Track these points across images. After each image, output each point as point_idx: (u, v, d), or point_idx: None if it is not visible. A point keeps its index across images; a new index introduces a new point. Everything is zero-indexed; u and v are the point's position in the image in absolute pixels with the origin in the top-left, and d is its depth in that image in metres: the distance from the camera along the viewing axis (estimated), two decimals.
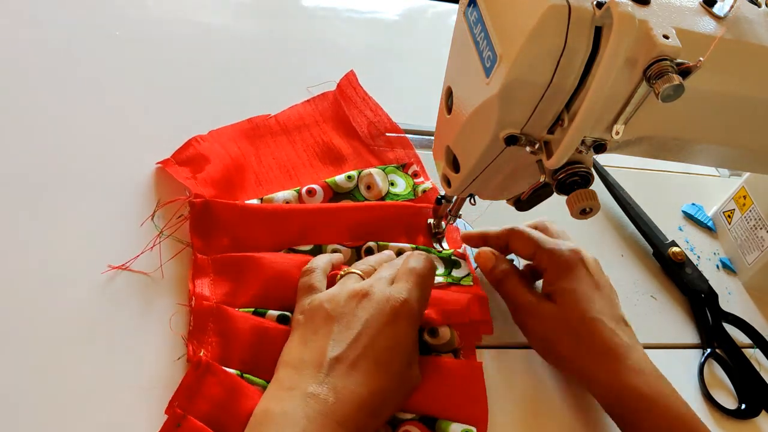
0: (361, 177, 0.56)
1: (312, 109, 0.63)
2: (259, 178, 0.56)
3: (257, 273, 0.48)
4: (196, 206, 0.50)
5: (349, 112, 0.63)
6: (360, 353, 0.40)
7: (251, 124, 0.59)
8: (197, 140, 0.55)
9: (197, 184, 0.52)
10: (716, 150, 0.44)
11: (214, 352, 0.44)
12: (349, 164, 0.59)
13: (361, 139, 0.61)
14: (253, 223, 0.51)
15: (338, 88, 0.64)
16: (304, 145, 0.60)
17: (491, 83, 0.35)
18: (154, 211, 0.50)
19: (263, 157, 0.58)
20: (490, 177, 0.44)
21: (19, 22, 0.61)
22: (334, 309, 0.42)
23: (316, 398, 0.38)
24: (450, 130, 0.44)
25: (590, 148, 0.38)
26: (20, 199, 0.48)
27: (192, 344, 0.44)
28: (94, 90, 0.58)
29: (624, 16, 0.31)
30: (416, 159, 0.61)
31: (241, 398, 0.41)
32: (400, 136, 0.62)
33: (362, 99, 0.64)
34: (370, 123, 0.62)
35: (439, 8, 0.84)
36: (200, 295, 0.46)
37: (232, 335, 0.44)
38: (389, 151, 0.61)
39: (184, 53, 0.64)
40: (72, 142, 0.53)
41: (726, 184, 0.74)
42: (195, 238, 0.49)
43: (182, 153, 0.54)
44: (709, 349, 0.56)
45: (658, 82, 0.32)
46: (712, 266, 0.65)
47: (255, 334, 0.44)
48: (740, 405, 0.53)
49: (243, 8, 0.72)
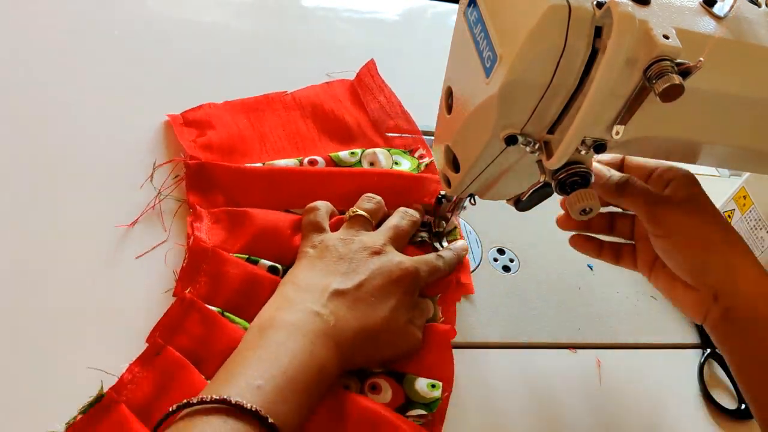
0: (365, 154, 0.58)
1: (329, 89, 0.65)
2: (266, 147, 0.57)
3: (250, 225, 0.49)
4: (191, 167, 0.52)
5: (363, 97, 0.65)
6: (361, 295, 0.44)
7: (266, 98, 0.61)
8: (209, 106, 0.58)
9: (196, 147, 0.54)
10: (716, 150, 0.44)
11: (200, 291, 0.45)
12: (357, 144, 0.61)
13: (372, 123, 0.62)
14: (248, 183, 0.52)
15: (357, 77, 0.66)
16: (315, 121, 0.61)
17: (491, 83, 0.35)
18: (152, 173, 0.52)
19: (273, 127, 0.59)
20: (490, 177, 0.44)
21: (19, 19, 0.61)
22: (346, 253, 0.46)
23: (321, 317, 0.41)
24: (450, 130, 0.44)
25: (590, 148, 0.38)
26: (26, 167, 0.49)
27: (181, 281, 0.46)
28: (94, 89, 0.58)
29: (624, 16, 0.31)
30: (423, 144, 0.62)
31: (219, 335, 0.43)
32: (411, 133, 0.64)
33: (378, 87, 0.66)
34: (382, 108, 0.64)
35: (439, 8, 0.84)
36: (198, 237, 0.48)
37: (222, 277, 0.46)
38: (397, 138, 0.62)
39: (184, 53, 0.64)
40: (71, 139, 0.53)
41: (726, 184, 0.74)
42: (192, 196, 0.51)
43: (191, 113, 0.57)
44: (709, 349, 0.56)
45: (658, 82, 0.32)
46: None
47: (245, 279, 0.46)
48: (740, 405, 0.53)
49: (243, 8, 0.72)
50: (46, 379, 0.40)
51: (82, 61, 0.60)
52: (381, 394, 0.44)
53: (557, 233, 0.56)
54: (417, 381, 0.45)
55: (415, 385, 0.45)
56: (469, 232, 0.59)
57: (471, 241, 0.58)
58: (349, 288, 0.44)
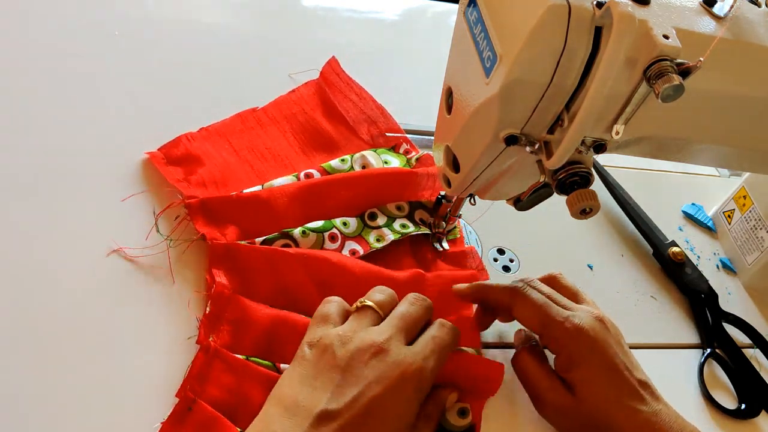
0: (355, 159, 0.58)
1: (297, 97, 0.63)
2: (255, 169, 0.56)
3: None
4: (192, 206, 0.50)
5: (334, 98, 0.63)
6: (355, 414, 0.37)
7: (239, 118, 0.60)
8: (187, 138, 0.55)
9: (190, 186, 0.52)
10: (716, 150, 0.44)
11: (224, 339, 0.44)
12: (342, 150, 0.60)
13: (349, 124, 0.62)
14: (252, 211, 0.51)
15: (321, 75, 0.65)
16: (294, 134, 0.60)
17: (491, 83, 0.35)
18: (155, 222, 0.50)
19: (256, 148, 0.58)
20: (490, 177, 0.44)
21: (18, 18, 0.61)
22: (342, 357, 0.39)
23: None
24: (450, 130, 0.44)
25: (590, 148, 0.38)
26: (21, 197, 0.48)
27: (204, 326, 0.44)
28: (93, 88, 0.58)
29: (624, 16, 0.31)
30: (405, 139, 0.62)
31: (250, 381, 0.42)
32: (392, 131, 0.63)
33: (347, 84, 0.65)
34: (356, 106, 0.63)
35: (439, 8, 0.84)
36: (220, 284, 0.46)
37: (245, 323, 0.45)
38: (379, 137, 0.62)
39: (184, 53, 0.64)
40: (70, 140, 0.53)
41: (726, 184, 0.74)
42: (203, 228, 0.49)
43: (172, 150, 0.54)
44: (709, 349, 0.56)
45: (658, 82, 0.32)
46: (712, 266, 0.65)
47: (272, 321, 0.45)
48: (740, 405, 0.53)
49: (243, 8, 0.72)
50: None
51: (82, 61, 0.60)
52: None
53: (557, 233, 0.56)
54: (446, 412, 0.44)
55: (446, 414, 0.44)
56: (469, 233, 0.59)
57: (471, 241, 0.58)
58: (341, 408, 0.37)
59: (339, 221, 0.53)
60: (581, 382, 0.44)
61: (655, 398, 0.44)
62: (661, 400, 0.44)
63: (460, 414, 0.44)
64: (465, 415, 0.44)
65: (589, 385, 0.43)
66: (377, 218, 0.54)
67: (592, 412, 0.43)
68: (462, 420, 0.44)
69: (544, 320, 0.45)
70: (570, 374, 0.44)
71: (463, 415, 0.44)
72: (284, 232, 0.50)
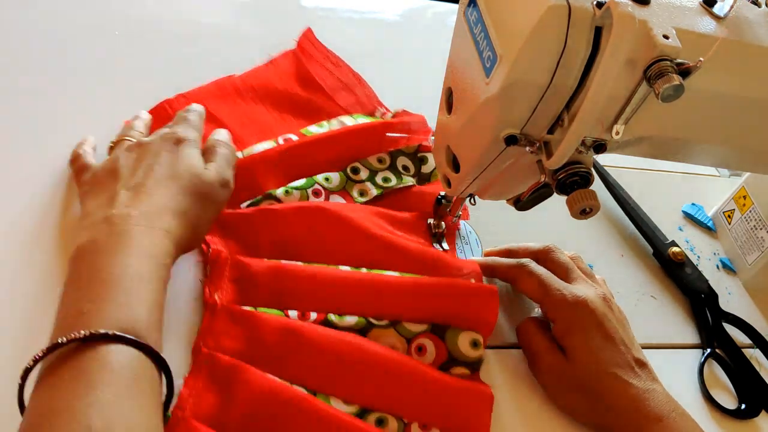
0: (332, 124, 0.59)
1: (275, 67, 0.64)
2: (235, 135, 0.57)
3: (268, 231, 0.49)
4: None
5: (311, 68, 0.65)
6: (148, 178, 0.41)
7: (216, 85, 0.60)
8: (168, 104, 0.56)
9: None
10: (716, 150, 0.44)
11: (229, 297, 0.45)
12: (320, 117, 0.61)
13: (326, 92, 0.63)
14: (235, 178, 0.52)
15: (298, 45, 0.66)
16: (272, 102, 0.61)
17: (491, 83, 0.35)
18: None
19: (236, 115, 0.59)
20: (490, 177, 0.44)
21: (18, 18, 0.61)
22: (113, 162, 0.44)
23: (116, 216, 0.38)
24: (450, 130, 0.44)
25: (590, 148, 0.38)
26: (21, 196, 0.48)
27: (207, 286, 0.45)
28: (93, 88, 0.58)
29: (624, 16, 0.31)
30: (380, 104, 0.64)
31: (262, 329, 0.43)
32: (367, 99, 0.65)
33: (323, 54, 0.66)
34: (331, 75, 0.65)
35: (439, 8, 0.84)
36: (215, 249, 0.47)
37: (246, 280, 0.46)
38: (356, 105, 0.63)
39: (183, 52, 0.64)
40: (70, 140, 0.53)
41: (726, 184, 0.74)
42: None
43: (157, 115, 0.55)
44: (709, 349, 0.56)
45: (658, 82, 0.32)
46: (712, 266, 0.65)
47: (273, 272, 0.46)
48: (740, 405, 0.53)
49: (243, 8, 0.72)
50: None
51: (82, 61, 0.60)
52: (426, 355, 0.45)
53: (557, 233, 0.56)
54: (460, 336, 0.46)
55: (458, 341, 0.46)
56: (469, 232, 0.58)
57: (471, 241, 0.58)
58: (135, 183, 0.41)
59: (321, 177, 0.54)
60: (575, 347, 0.45)
61: (652, 379, 0.45)
62: (658, 382, 0.45)
63: (472, 345, 0.45)
64: (477, 346, 0.45)
65: (583, 350, 0.45)
66: (360, 172, 0.56)
67: (584, 376, 0.44)
68: (474, 351, 0.45)
69: (547, 289, 0.47)
70: (566, 339, 0.46)
71: (475, 346, 0.45)
72: (267, 194, 0.52)
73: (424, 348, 0.46)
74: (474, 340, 0.46)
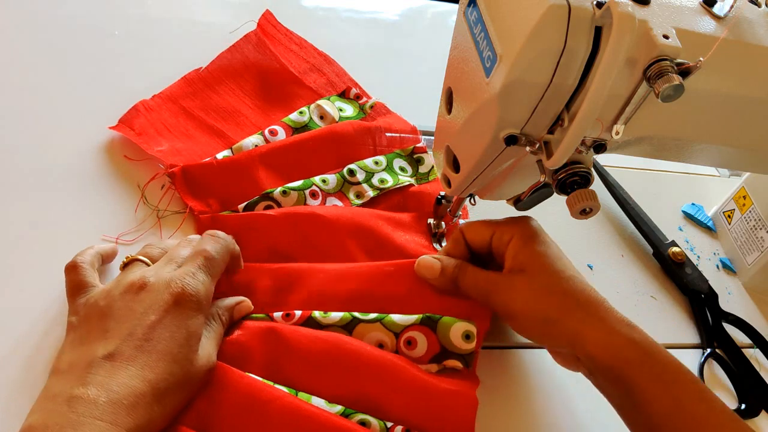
0: (312, 110, 0.60)
1: (240, 54, 0.63)
2: (216, 131, 0.57)
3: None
4: (176, 175, 0.51)
5: (276, 50, 0.64)
6: (136, 346, 0.37)
7: (185, 81, 0.60)
8: (144, 107, 0.56)
9: (166, 154, 0.53)
10: (716, 150, 0.44)
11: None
12: (294, 101, 0.61)
13: (295, 75, 0.63)
14: (231, 178, 0.53)
15: (259, 27, 0.66)
16: (243, 91, 0.61)
17: (491, 83, 0.35)
18: (142, 195, 0.51)
19: (210, 109, 0.59)
20: (490, 177, 0.44)
21: (18, 18, 0.61)
22: (108, 305, 0.39)
23: (82, 400, 0.34)
24: (450, 130, 0.44)
25: (590, 148, 0.39)
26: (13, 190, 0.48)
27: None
28: (93, 87, 0.58)
29: (624, 16, 0.31)
30: (352, 83, 0.64)
31: (243, 332, 0.44)
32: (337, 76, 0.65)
33: (285, 35, 0.66)
34: (297, 56, 0.65)
35: (439, 8, 0.84)
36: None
37: (229, 280, 0.47)
38: (328, 85, 0.64)
39: (183, 52, 0.64)
40: (70, 139, 0.53)
41: (726, 184, 0.74)
42: (190, 201, 0.51)
43: (134, 120, 0.55)
44: (709, 349, 0.56)
45: (658, 82, 0.32)
46: (712, 266, 0.65)
47: (254, 272, 0.47)
48: (740, 405, 0.53)
49: (243, 8, 0.72)
50: None
51: (82, 60, 0.60)
52: (416, 349, 0.44)
53: (557, 233, 0.56)
54: (452, 328, 0.44)
55: (449, 333, 0.44)
56: None
57: None
58: (118, 345, 0.36)
59: (318, 179, 0.54)
60: (532, 256, 0.44)
61: None
62: None
63: (465, 338, 0.44)
64: (470, 339, 0.44)
65: (540, 257, 0.44)
66: (356, 174, 0.56)
67: (544, 283, 0.43)
68: (467, 344, 0.44)
69: (494, 224, 0.47)
70: (522, 254, 0.45)
71: (468, 339, 0.44)
72: (265, 194, 0.52)
73: (414, 341, 0.44)
74: (467, 332, 0.44)
